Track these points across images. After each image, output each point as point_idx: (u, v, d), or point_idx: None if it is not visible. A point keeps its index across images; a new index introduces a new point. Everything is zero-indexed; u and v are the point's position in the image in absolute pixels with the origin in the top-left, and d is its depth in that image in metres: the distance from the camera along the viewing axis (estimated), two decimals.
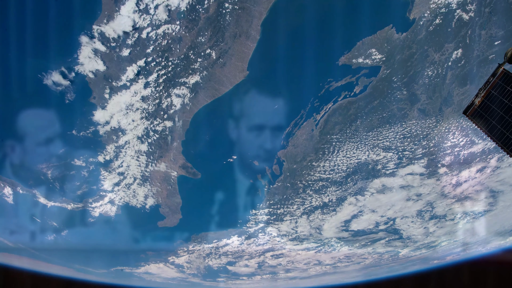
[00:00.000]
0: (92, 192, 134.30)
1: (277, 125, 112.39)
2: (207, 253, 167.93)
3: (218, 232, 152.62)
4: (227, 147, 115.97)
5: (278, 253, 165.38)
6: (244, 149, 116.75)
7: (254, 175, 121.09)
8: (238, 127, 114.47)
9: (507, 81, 41.88)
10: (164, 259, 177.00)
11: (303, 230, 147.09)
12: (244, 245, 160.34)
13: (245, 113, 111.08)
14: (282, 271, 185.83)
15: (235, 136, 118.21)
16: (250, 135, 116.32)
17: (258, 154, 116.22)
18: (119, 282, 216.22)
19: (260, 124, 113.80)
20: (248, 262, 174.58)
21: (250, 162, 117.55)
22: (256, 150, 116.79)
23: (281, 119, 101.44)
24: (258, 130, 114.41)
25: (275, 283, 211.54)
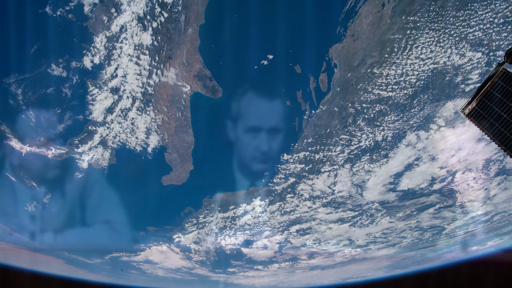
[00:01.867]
0: (78, 125, 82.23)
1: None
2: (221, 228, 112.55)
3: (236, 194, 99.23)
4: (258, 41, 66.78)
5: (305, 226, 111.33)
6: (281, 44, 67.66)
7: (292, 90, 71.23)
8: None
9: (507, 81, 36.46)
10: (169, 238, 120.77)
11: (342, 188, 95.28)
12: (266, 215, 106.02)
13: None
14: (304, 256, 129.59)
15: (270, 28, 69.97)
16: (291, 25, 68.20)
17: (300, 52, 66.76)
18: (119, 282, 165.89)
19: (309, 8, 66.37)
20: (269, 241, 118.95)
21: (290, 66, 67.93)
22: (298, 47, 67.49)
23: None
24: (305, 16, 66.76)
25: (291, 277, 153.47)
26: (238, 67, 72.65)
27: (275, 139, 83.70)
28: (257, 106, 75.95)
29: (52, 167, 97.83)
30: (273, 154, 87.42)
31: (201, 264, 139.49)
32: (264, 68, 70.88)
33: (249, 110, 76.41)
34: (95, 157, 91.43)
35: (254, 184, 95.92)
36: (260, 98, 75.09)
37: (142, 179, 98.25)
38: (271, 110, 78.22)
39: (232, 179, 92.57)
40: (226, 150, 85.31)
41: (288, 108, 76.88)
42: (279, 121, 79.66)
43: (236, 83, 73.02)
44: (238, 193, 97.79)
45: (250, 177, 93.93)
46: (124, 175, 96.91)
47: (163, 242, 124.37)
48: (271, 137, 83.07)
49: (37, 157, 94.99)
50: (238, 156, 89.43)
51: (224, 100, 75.31)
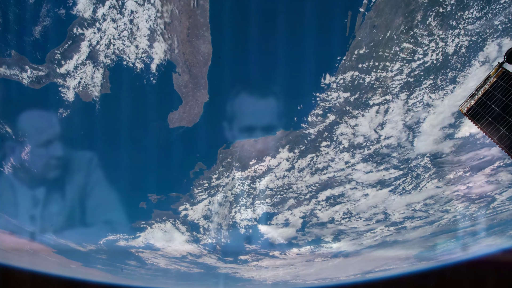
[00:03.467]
0: (60, 27, 50.22)
1: None
2: (236, 195, 77.90)
3: (261, 141, 65.93)
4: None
5: (337, 192, 77.89)
6: None
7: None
8: None
9: (507, 80, 33.30)
10: (174, 212, 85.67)
11: (390, 133, 63.85)
12: (293, 174, 72.61)
13: None
14: (329, 237, 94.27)
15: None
16: None
17: None
18: (119, 281, 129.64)
19: None
20: (292, 214, 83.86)
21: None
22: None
23: None
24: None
25: (308, 268, 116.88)
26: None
27: (317, 48, 52.21)
28: None
29: (29, 102, 64.32)
30: (310, 76, 55.44)
31: (210, 250, 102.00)
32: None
33: None
34: (83, 82, 58.54)
35: (284, 126, 62.98)
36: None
37: (143, 120, 64.86)
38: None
39: (258, 116, 59.75)
40: (254, 68, 53.35)
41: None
42: (325, 19, 48.46)
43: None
44: (263, 140, 64.40)
45: (279, 114, 61.20)
46: (120, 112, 63.58)
47: (167, 218, 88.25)
48: (312, 45, 51.62)
49: (9, 86, 61.87)
50: (265, 80, 57.34)
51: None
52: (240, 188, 78.80)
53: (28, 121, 69.61)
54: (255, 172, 74.90)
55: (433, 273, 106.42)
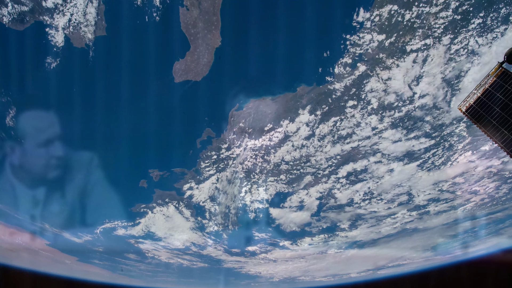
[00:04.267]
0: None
1: None
2: (248, 170, 62.92)
3: (278, 100, 51.46)
4: None
5: (360, 167, 63.89)
6: None
7: None
8: None
9: (506, 80, 31.33)
10: (178, 192, 70.02)
11: (427, 90, 49.80)
12: (312, 143, 58.12)
13: None
14: (346, 224, 79.02)
15: None
16: None
17: None
18: (119, 281, 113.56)
19: None
20: (307, 195, 68.97)
21: None
22: None
23: None
24: None
25: (320, 261, 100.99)
26: None
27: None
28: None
29: (12, 48, 50.30)
30: (340, 12, 42.20)
31: (216, 239, 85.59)
32: None
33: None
34: (74, 20, 44.69)
35: (306, 81, 49.19)
36: None
37: (144, 73, 50.73)
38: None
39: (278, 68, 45.93)
40: (275, 2, 40.04)
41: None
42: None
43: None
44: (282, 99, 50.29)
45: (301, 64, 47.47)
46: (117, 62, 49.47)
47: (170, 200, 72.60)
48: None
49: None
50: (289, 18, 43.84)
51: None
52: (252, 161, 63.83)
53: (13, 78, 55.22)
54: (270, 141, 60.27)
55: (433, 273, 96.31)
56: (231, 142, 60.86)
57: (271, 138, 60.59)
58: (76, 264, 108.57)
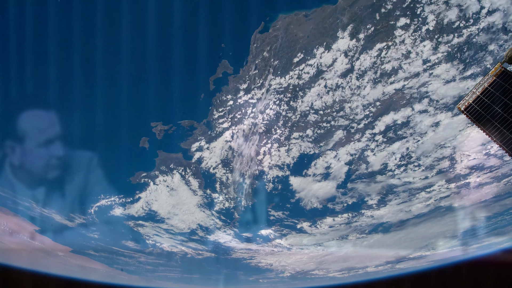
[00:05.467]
0: None
1: None
2: (270, 120, 43.96)
3: (313, 16, 34.18)
4: None
5: (401, 118, 45.19)
6: None
7: None
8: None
9: (506, 79, 28.29)
10: (185, 155, 50.09)
11: (497, 1, 31.72)
12: (350, 83, 40.37)
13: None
14: (375, 199, 59.18)
15: None
16: None
17: None
18: (119, 281, 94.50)
19: None
20: (336, 158, 49.46)
21: None
22: None
23: None
24: None
25: (340, 249, 79.43)
26: None
27: None
28: None
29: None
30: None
31: (226, 219, 65.14)
32: None
33: None
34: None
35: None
36: None
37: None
38: None
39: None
40: None
41: None
42: None
43: None
44: (318, 15, 33.13)
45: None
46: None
47: (175, 166, 53.30)
48: None
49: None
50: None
51: None
52: (275, 109, 45.51)
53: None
54: (299, 79, 42.44)
55: (433, 273, 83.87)
56: (251, 81, 42.78)
57: (300, 75, 42.74)
58: (69, 257, 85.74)
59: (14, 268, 76.62)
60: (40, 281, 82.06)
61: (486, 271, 73.30)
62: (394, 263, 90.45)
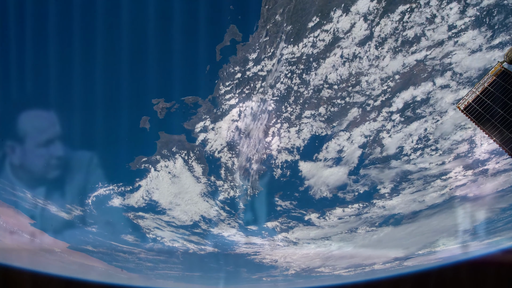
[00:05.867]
0: None
1: None
2: (281, 96, 38.30)
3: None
4: None
5: (421, 93, 38.81)
6: None
7: None
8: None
9: (506, 79, 26.86)
10: (188, 137, 43.64)
11: None
12: (368, 53, 34.88)
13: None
14: (388, 186, 52.47)
15: None
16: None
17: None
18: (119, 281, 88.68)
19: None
20: (349, 140, 43.61)
21: None
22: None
23: None
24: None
25: (349, 243, 71.70)
26: None
27: None
28: None
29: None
30: None
31: (230, 210, 58.16)
32: None
33: None
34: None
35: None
36: None
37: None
38: None
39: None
40: None
41: None
42: None
43: None
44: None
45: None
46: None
47: (178, 150, 46.67)
48: None
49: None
50: None
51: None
52: (286, 83, 39.53)
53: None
54: (313, 47, 36.63)
55: (433, 273, 79.95)
56: (261, 50, 36.90)
57: (315, 43, 36.90)
58: (67, 253, 78.00)
59: (14, 268, 71.14)
60: (40, 281, 77.10)
61: (486, 271, 69.55)
62: (402, 260, 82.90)
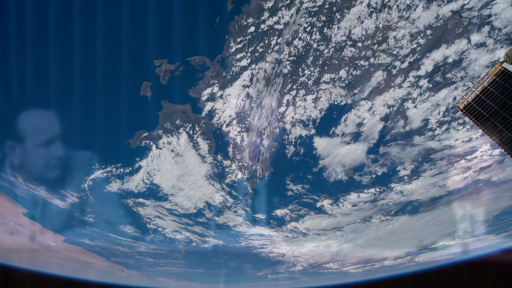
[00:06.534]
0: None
1: None
2: (298, 57, 29.58)
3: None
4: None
5: (454, 53, 30.59)
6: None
7: None
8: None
9: (506, 79, 25.34)
10: (193, 105, 34.51)
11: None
12: (389, 18, 26.63)
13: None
14: (408, 168, 43.67)
15: None
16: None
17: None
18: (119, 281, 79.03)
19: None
20: (370, 111, 34.99)
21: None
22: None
23: None
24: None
25: (361, 234, 60.76)
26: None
27: None
28: None
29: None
30: None
31: (237, 195, 48.12)
32: None
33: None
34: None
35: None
36: None
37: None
38: None
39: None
40: None
41: None
42: None
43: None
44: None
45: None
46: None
47: (182, 123, 37.17)
48: None
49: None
50: None
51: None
52: (305, 39, 31.33)
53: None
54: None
55: (433, 273, 73.37)
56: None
57: None
58: (63, 248, 67.20)
59: (14, 268, 62.82)
60: (40, 281, 68.38)
61: (486, 271, 64.09)
62: (414, 255, 72.21)
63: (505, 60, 26.47)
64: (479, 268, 66.40)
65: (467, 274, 67.11)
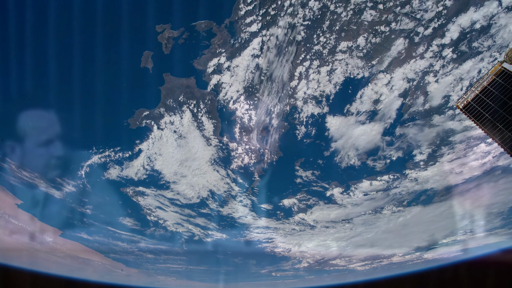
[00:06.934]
0: None
1: None
2: (314, 18, 24.34)
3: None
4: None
5: (482, 19, 25.60)
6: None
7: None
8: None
9: (506, 79, 24.22)
10: (198, 79, 28.83)
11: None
12: None
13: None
14: (426, 149, 37.63)
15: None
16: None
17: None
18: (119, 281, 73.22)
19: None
20: (388, 86, 29.39)
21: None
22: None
23: None
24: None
25: (372, 226, 54.16)
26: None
27: None
28: None
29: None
30: None
31: (243, 183, 41.86)
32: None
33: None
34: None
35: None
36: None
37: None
38: None
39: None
40: None
41: None
42: None
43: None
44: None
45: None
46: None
47: (186, 98, 31.66)
48: None
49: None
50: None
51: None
52: (319, 2, 26.29)
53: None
54: None
55: (433, 273, 69.41)
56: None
57: None
58: (59, 243, 60.44)
59: (14, 268, 58.65)
60: (40, 281, 63.71)
61: (486, 271, 60.57)
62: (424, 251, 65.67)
63: (505, 60, 25.41)
64: (479, 268, 62.65)
65: (467, 274, 63.50)
